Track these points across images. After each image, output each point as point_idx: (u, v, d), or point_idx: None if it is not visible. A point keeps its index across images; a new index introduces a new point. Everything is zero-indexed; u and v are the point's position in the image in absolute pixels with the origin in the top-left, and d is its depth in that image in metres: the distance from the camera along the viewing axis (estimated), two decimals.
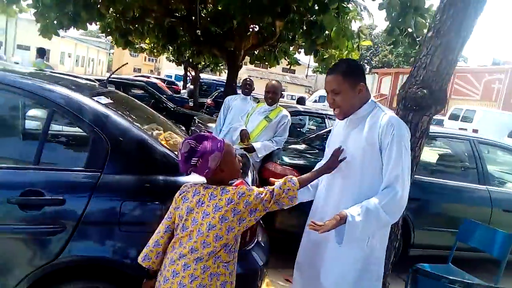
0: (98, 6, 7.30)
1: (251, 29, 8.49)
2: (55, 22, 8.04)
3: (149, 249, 1.74)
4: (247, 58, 11.31)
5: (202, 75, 18.64)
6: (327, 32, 7.84)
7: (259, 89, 11.59)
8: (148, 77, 22.80)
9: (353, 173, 1.94)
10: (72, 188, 1.94)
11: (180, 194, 1.75)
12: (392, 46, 6.77)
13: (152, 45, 14.98)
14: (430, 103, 2.26)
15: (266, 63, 11.37)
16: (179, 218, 1.71)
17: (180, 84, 26.80)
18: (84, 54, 45.79)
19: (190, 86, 20.36)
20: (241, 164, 1.82)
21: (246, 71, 38.18)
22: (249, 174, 2.60)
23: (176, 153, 2.36)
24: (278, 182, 1.76)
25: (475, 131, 14.65)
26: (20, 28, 30.40)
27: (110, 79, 2.90)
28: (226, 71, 11.03)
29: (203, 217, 1.65)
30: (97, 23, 9.73)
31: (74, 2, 6.92)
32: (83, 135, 2.08)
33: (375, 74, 36.18)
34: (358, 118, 1.97)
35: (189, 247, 1.65)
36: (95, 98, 2.17)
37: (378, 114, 1.92)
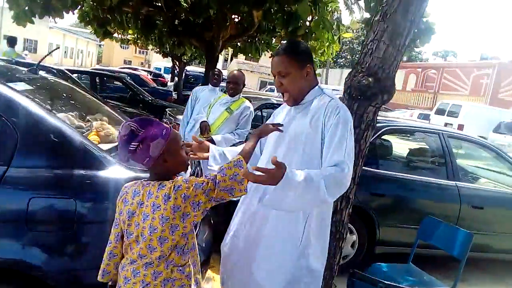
0: None
1: (230, 19, 8.27)
2: (27, 9, 7.80)
3: (105, 263, 1.58)
4: (230, 50, 11.08)
5: (188, 68, 18.37)
6: (307, 23, 7.68)
7: (249, 82, 11.38)
8: (136, 69, 22.53)
9: (292, 159, 1.80)
10: None
11: (120, 197, 1.58)
12: None
13: (136, 36, 14.67)
14: (376, 92, 2.10)
15: (249, 55, 11.18)
16: (122, 223, 1.55)
17: (168, 76, 26.51)
18: (73, 45, 45.14)
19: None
20: (188, 156, 1.65)
21: (236, 64, 37.84)
22: (189, 168, 2.43)
23: (101, 145, 2.19)
24: (221, 168, 1.56)
25: (461, 126, 14.60)
26: (6, 19, 29.76)
27: (90, 70, 2.70)
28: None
29: (143, 219, 1.48)
30: (75, 12, 9.49)
31: None
32: None
33: None
34: (304, 104, 1.86)
35: (137, 253, 1.50)
36: (10, 84, 1.98)
37: (324, 99, 1.82)
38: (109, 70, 15.19)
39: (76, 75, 9.04)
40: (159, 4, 8.19)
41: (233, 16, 8.50)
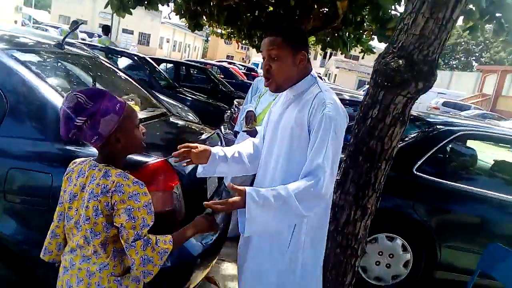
0: None
1: (313, 10, 7.89)
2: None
3: (47, 241, 1.48)
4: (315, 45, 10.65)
5: None
6: (397, 13, 6.99)
7: (347, 81, 10.83)
8: (233, 64, 23.27)
9: (281, 156, 1.65)
10: None
11: (66, 174, 1.45)
12: (468, 32, 5.70)
13: (230, 30, 14.98)
14: (408, 77, 1.65)
15: (339, 50, 10.65)
16: (65, 203, 1.42)
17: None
18: (182, 40, 48.28)
19: None
20: (144, 136, 1.46)
21: (335, 62, 36.96)
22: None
23: None
24: (149, 241, 1.32)
25: None
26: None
27: (176, 60, 2.68)
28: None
29: (82, 205, 1.34)
30: (169, 4, 9.96)
31: None
32: None
33: (479, 71, 32.34)
34: (295, 95, 1.68)
35: (76, 242, 1.37)
36: (12, 53, 1.96)
37: (314, 92, 1.62)
38: (199, 62, 15.79)
39: (163, 64, 9.50)
40: None
41: (318, 7, 8.10)
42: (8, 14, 23.76)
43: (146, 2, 8.73)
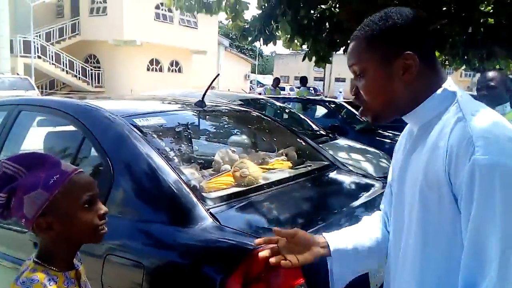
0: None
1: None
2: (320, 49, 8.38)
3: None
4: None
5: None
6: None
7: None
8: None
9: (411, 235, 0.94)
10: None
11: None
12: None
13: (443, 57, 13.40)
14: None
15: None
16: None
17: None
18: None
19: None
20: (102, 221, 1.00)
21: None
22: None
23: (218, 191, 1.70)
24: None
25: None
26: (336, 62, 34.22)
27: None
28: None
29: None
30: None
31: (318, 28, 6.94)
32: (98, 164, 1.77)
33: None
34: (422, 127, 0.95)
35: None
36: (134, 118, 1.81)
37: (451, 118, 0.87)
38: None
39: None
40: (449, 15, 6.95)
41: None
42: (239, 82, 28.13)
43: (343, 48, 8.59)
